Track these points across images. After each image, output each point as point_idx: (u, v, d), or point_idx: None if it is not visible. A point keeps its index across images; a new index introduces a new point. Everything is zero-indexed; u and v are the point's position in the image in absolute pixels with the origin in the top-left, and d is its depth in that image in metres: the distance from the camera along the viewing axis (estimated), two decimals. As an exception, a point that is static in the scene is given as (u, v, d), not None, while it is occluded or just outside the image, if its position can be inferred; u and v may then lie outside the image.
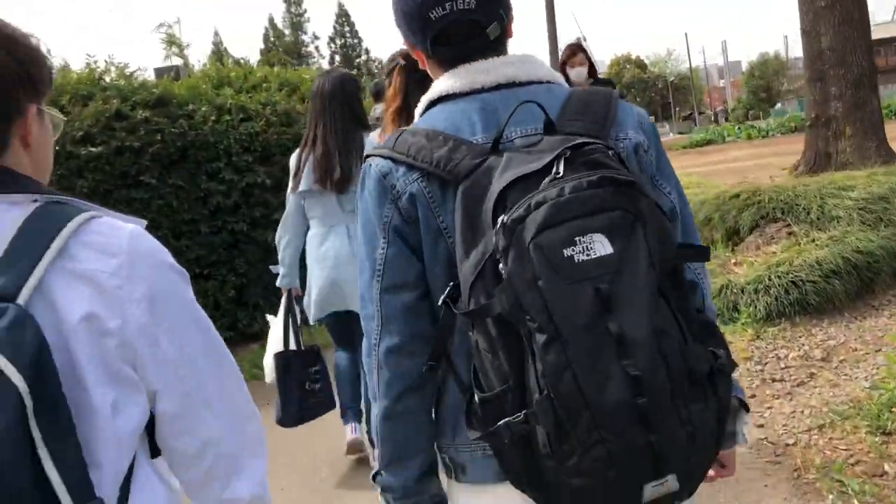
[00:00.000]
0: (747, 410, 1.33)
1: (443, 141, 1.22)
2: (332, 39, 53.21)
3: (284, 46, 48.11)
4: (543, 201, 1.05)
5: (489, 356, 1.10)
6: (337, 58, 52.46)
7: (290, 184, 3.45)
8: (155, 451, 1.10)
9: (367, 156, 1.32)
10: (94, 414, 0.97)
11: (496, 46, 1.33)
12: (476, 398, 1.12)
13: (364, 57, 54.80)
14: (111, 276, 0.99)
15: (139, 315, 1.00)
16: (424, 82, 1.94)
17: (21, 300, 0.90)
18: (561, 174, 1.08)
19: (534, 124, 1.24)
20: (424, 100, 1.35)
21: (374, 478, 1.35)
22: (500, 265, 1.07)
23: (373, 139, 3.30)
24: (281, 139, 6.38)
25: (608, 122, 1.25)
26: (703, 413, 1.06)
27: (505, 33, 1.34)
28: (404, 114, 2.86)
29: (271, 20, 52.78)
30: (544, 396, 1.02)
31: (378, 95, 5.33)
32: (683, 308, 1.10)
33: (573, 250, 1.03)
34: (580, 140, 1.13)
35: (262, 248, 6.08)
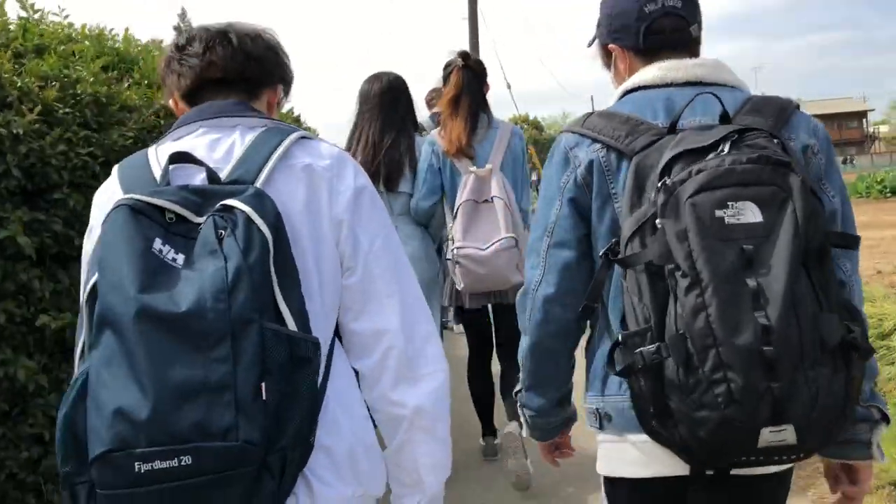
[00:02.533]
0: (888, 423, 1.32)
1: (625, 121, 1.38)
2: None
3: None
4: (704, 168, 1.19)
5: (636, 299, 1.24)
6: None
7: None
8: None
9: (561, 132, 1.50)
10: (309, 282, 1.16)
11: (694, 46, 1.52)
12: (619, 337, 1.25)
13: None
14: (324, 169, 1.23)
15: (345, 201, 1.22)
16: (478, 80, 3.32)
17: (258, 182, 1.14)
18: (725, 151, 1.20)
19: (711, 116, 1.36)
20: (620, 89, 1.50)
21: (515, 394, 1.56)
22: (658, 220, 1.21)
23: (433, 137, 3.38)
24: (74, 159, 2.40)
25: (780, 122, 1.35)
26: (829, 380, 1.14)
27: (699, 39, 1.53)
28: (455, 103, 3.31)
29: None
30: (679, 334, 1.15)
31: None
32: (824, 285, 1.18)
33: (725, 213, 1.16)
34: (747, 126, 1.26)
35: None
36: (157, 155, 1.21)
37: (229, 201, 1.06)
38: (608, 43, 1.56)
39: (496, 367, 3.69)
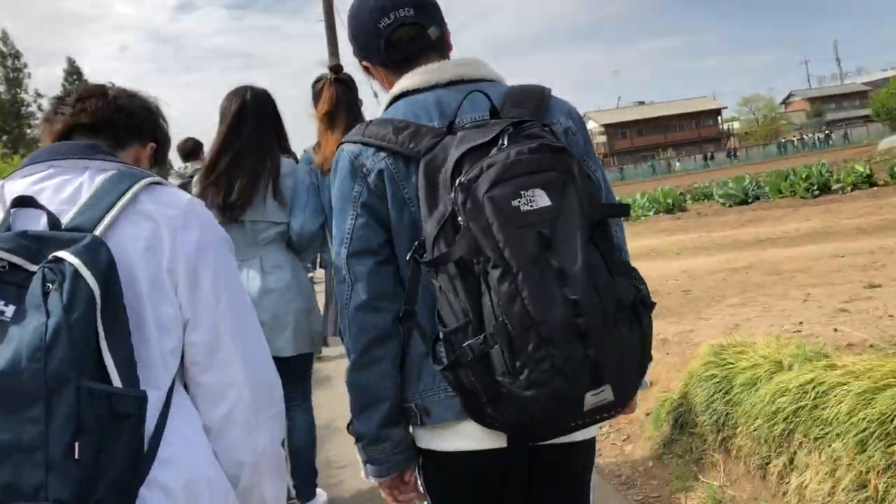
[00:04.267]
0: (650, 359, 1.42)
1: (404, 127, 1.44)
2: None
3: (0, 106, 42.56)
4: (493, 163, 1.27)
5: (451, 296, 1.30)
6: None
7: None
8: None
9: (340, 143, 1.54)
10: (145, 328, 1.15)
11: (440, 47, 1.61)
12: (440, 334, 1.31)
13: None
14: (170, 218, 1.22)
15: (189, 252, 1.22)
16: (350, 93, 2.99)
17: (97, 231, 1.11)
18: (506, 144, 1.30)
19: (481, 112, 1.48)
20: (388, 97, 1.57)
21: (348, 427, 1.54)
22: (459, 217, 1.27)
23: (309, 155, 3.16)
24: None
25: (542, 110, 1.48)
26: (630, 336, 1.29)
27: (444, 37, 1.62)
28: (330, 118, 3.10)
29: None
30: (500, 322, 1.22)
31: (189, 154, 5.54)
32: (609, 252, 1.33)
33: (519, 202, 1.24)
34: (520, 119, 1.37)
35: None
36: (3, 192, 1.21)
37: (60, 253, 1.04)
38: (361, 61, 1.66)
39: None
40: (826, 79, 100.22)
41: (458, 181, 1.29)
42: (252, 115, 3.08)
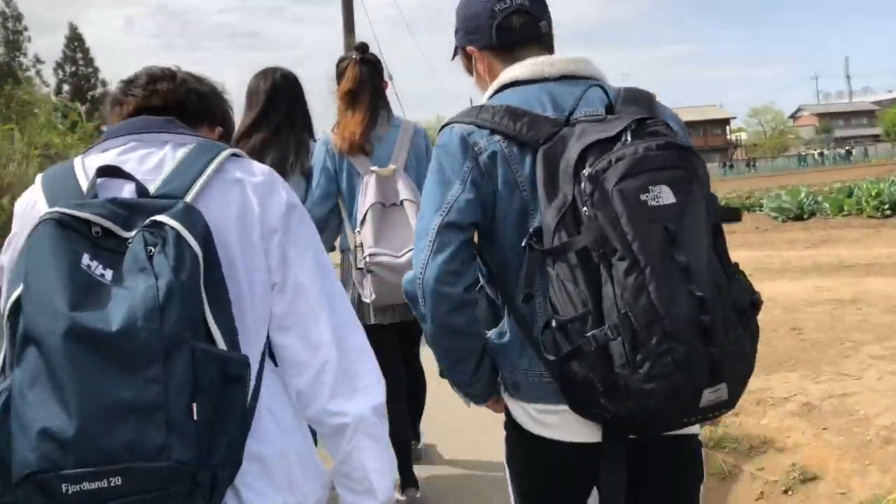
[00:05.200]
0: None
1: (521, 114, 1.46)
2: (59, 65, 45.79)
3: None
4: (623, 157, 1.27)
5: (569, 285, 1.30)
6: (66, 87, 45.59)
7: None
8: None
9: (446, 124, 1.56)
10: (240, 295, 1.16)
11: (546, 42, 1.64)
12: (554, 323, 1.31)
13: (100, 89, 45.59)
14: (257, 185, 1.23)
15: (277, 215, 1.23)
16: (375, 74, 3.03)
17: (188, 198, 1.12)
18: (629, 140, 1.30)
19: (596, 107, 1.49)
20: (495, 84, 1.59)
21: (441, 374, 1.61)
22: (584, 208, 1.28)
23: (326, 136, 3.09)
24: None
25: (652, 112, 1.48)
26: (743, 338, 1.31)
27: (550, 33, 1.65)
28: (353, 97, 3.05)
29: None
30: (623, 314, 1.23)
31: None
32: (724, 255, 1.35)
33: (647, 196, 1.25)
34: (643, 115, 1.37)
35: None
36: (84, 166, 1.19)
37: (159, 217, 1.04)
38: (465, 46, 1.68)
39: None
40: (832, 95, 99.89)
41: (584, 172, 1.29)
42: (283, 96, 3.09)
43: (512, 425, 1.58)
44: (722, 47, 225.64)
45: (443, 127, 1.59)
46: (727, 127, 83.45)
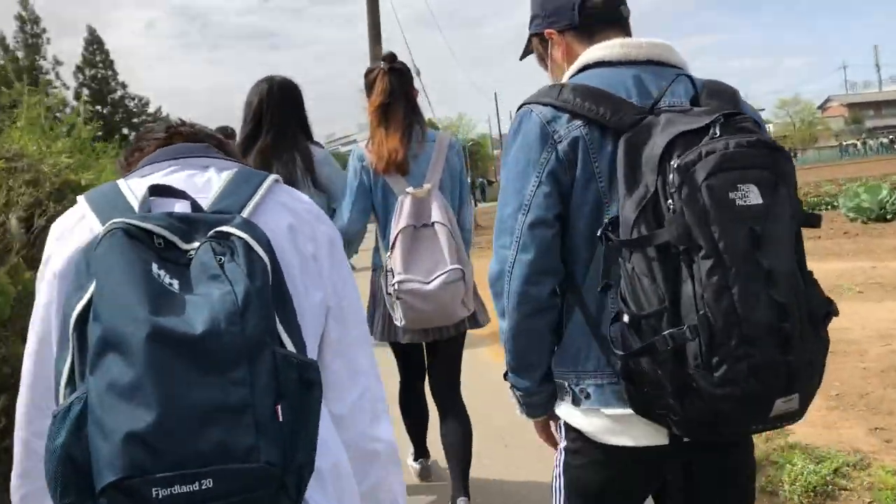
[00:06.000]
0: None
1: (606, 97, 1.40)
2: (79, 69, 45.77)
3: (16, 72, 28.11)
4: (713, 151, 1.22)
5: (645, 280, 1.26)
6: (85, 91, 42.56)
7: None
8: None
9: (524, 104, 1.49)
10: (300, 309, 1.14)
11: (626, 27, 1.61)
12: (626, 318, 1.28)
13: (120, 92, 47.18)
14: (305, 211, 1.26)
15: (325, 241, 1.26)
16: (405, 83, 2.91)
17: (244, 214, 1.14)
18: (719, 135, 1.25)
19: (679, 98, 1.44)
20: (578, 62, 1.53)
21: (505, 376, 1.59)
22: (669, 202, 1.23)
23: (361, 151, 2.99)
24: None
25: (738, 107, 1.42)
26: (816, 348, 1.26)
27: (628, 19, 1.61)
28: (384, 111, 2.93)
29: (2, 39, 42.36)
30: (703, 315, 1.18)
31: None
32: (802, 262, 1.29)
33: (735, 195, 1.20)
34: (731, 110, 1.32)
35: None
36: (130, 187, 1.18)
37: (224, 228, 1.05)
38: (545, 30, 1.62)
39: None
40: (859, 85, 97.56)
41: (673, 163, 1.24)
42: (276, 107, 2.99)
43: (573, 435, 1.52)
44: (744, 38, 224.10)
45: (520, 107, 1.52)
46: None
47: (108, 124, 47.36)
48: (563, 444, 1.56)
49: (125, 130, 45.14)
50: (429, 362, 3.29)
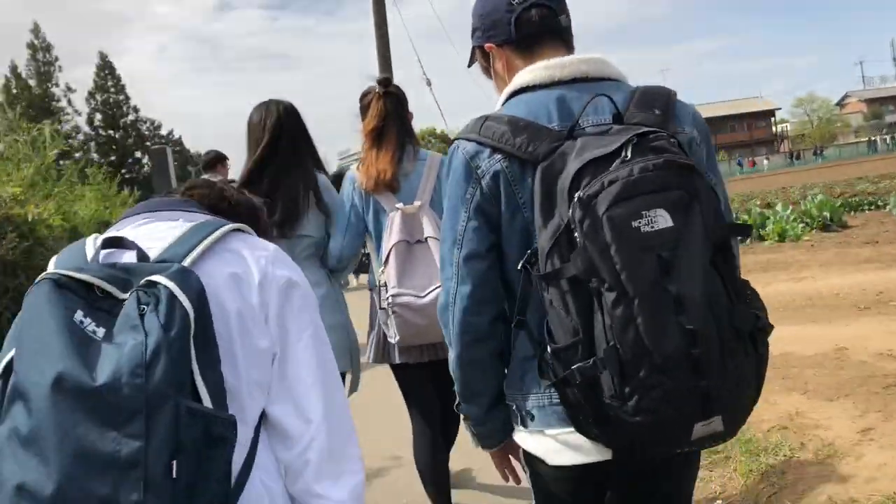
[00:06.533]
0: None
1: (523, 127, 1.41)
2: (91, 94, 46.03)
3: (29, 100, 40.50)
4: (615, 179, 1.21)
5: (561, 312, 1.27)
6: (98, 115, 46.16)
7: None
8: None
9: (455, 139, 1.53)
10: (233, 358, 1.16)
11: (566, 38, 1.59)
12: (549, 349, 1.30)
13: (132, 116, 47.39)
14: (259, 258, 1.25)
15: (277, 288, 1.24)
16: (400, 108, 2.94)
17: (185, 263, 1.14)
18: (629, 157, 1.23)
19: (604, 115, 1.43)
20: (506, 91, 1.55)
21: (456, 407, 1.61)
22: (576, 234, 1.24)
23: (353, 174, 2.98)
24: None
25: (669, 116, 1.41)
26: (744, 365, 1.26)
27: (570, 30, 1.61)
28: (378, 134, 2.93)
29: (14, 68, 42.50)
30: (611, 346, 1.20)
31: (209, 164, 5.79)
32: (730, 276, 1.27)
33: (640, 222, 1.19)
34: (646, 129, 1.30)
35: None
36: (95, 242, 1.22)
37: (153, 277, 1.05)
38: (484, 43, 1.62)
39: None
40: (875, 80, 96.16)
41: (576, 196, 1.24)
42: (288, 131, 2.92)
43: (531, 460, 1.54)
44: (756, 38, 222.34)
45: (451, 141, 1.55)
46: (772, 119, 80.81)
47: (120, 148, 48.76)
48: (526, 469, 1.60)
49: (137, 154, 45.67)
50: (439, 402, 3.12)
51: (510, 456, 1.65)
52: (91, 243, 1.21)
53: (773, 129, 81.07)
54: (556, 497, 1.56)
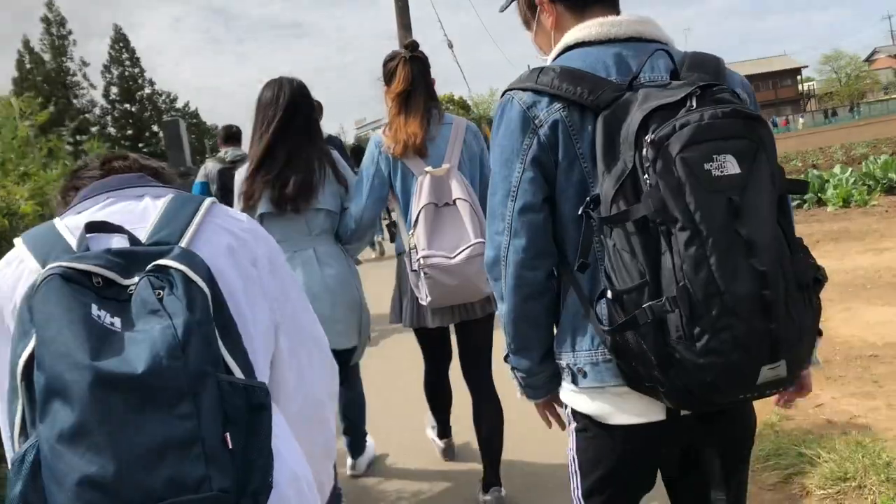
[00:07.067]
0: (820, 335, 1.39)
1: (582, 77, 1.40)
2: (106, 68, 45.84)
3: (44, 75, 41.72)
4: (687, 123, 1.21)
5: (626, 255, 1.27)
6: (114, 89, 46.30)
7: (238, 207, 2.86)
8: None
9: (508, 90, 1.50)
10: (247, 330, 1.18)
11: (614, 1, 1.58)
12: (610, 294, 1.29)
13: (148, 89, 47.48)
14: (243, 230, 1.28)
15: (266, 255, 1.29)
16: (426, 72, 2.98)
17: (183, 243, 1.15)
18: (695, 107, 1.24)
19: (660, 73, 1.45)
20: (559, 45, 1.53)
21: (505, 358, 1.62)
22: (645, 176, 1.23)
23: (379, 138, 2.98)
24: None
25: (721, 78, 1.43)
26: (805, 314, 1.26)
27: None
28: (406, 98, 2.95)
29: (26, 43, 41.98)
30: (682, 286, 1.19)
31: (229, 139, 5.97)
32: (788, 228, 1.29)
33: (711, 166, 1.20)
34: (710, 81, 1.32)
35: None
36: (66, 226, 1.20)
37: (162, 261, 1.06)
38: None
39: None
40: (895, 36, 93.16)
41: (647, 138, 1.24)
42: (301, 107, 2.94)
43: (580, 418, 1.52)
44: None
45: (503, 93, 1.52)
46: (798, 77, 78.89)
47: (137, 122, 49.14)
48: (570, 427, 1.57)
49: (154, 128, 45.53)
50: (459, 347, 3.25)
51: (554, 404, 1.65)
52: (64, 228, 1.20)
53: (799, 87, 79.14)
54: (603, 460, 1.52)
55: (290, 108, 2.90)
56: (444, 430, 3.72)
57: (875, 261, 7.01)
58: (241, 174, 2.97)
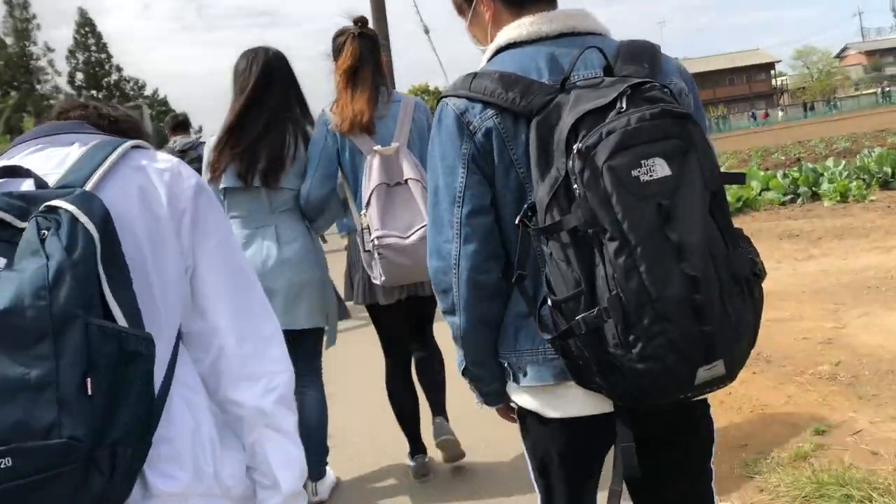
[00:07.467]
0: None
1: (514, 81, 1.39)
2: (72, 53, 44.77)
3: (6, 59, 41.04)
4: (613, 130, 1.21)
5: (562, 265, 1.27)
6: (79, 75, 45.44)
7: (205, 177, 2.81)
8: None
9: (442, 97, 1.50)
10: (146, 278, 1.13)
11: None
12: (549, 302, 1.30)
13: (115, 76, 46.66)
14: (163, 171, 1.21)
15: (186, 198, 1.21)
16: (375, 50, 2.98)
17: (87, 187, 1.10)
18: (625, 108, 1.23)
19: (593, 69, 1.43)
20: (492, 47, 1.52)
21: (463, 373, 1.58)
22: (575, 185, 1.23)
23: (327, 115, 2.93)
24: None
25: (656, 69, 1.42)
26: (743, 310, 1.26)
27: None
28: (353, 74, 2.91)
29: None
30: (614, 295, 1.20)
31: (178, 127, 5.86)
32: (725, 223, 1.28)
33: (639, 171, 1.19)
34: (639, 80, 1.30)
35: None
36: None
37: (53, 202, 1.03)
38: None
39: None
40: (871, 32, 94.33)
41: (575, 147, 1.24)
42: (277, 79, 2.90)
43: (525, 414, 1.55)
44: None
45: (439, 100, 1.51)
46: (771, 71, 79.29)
47: None
48: (518, 422, 1.60)
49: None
50: (405, 315, 3.23)
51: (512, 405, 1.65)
52: None
53: (773, 82, 79.60)
54: (548, 453, 1.54)
55: (263, 77, 2.84)
56: (415, 447, 3.40)
57: (883, 260, 6.64)
58: (210, 143, 2.93)
